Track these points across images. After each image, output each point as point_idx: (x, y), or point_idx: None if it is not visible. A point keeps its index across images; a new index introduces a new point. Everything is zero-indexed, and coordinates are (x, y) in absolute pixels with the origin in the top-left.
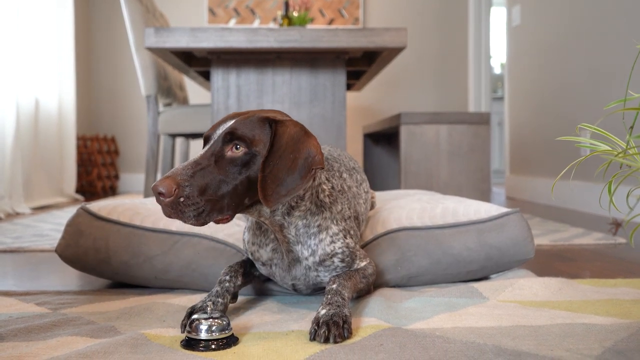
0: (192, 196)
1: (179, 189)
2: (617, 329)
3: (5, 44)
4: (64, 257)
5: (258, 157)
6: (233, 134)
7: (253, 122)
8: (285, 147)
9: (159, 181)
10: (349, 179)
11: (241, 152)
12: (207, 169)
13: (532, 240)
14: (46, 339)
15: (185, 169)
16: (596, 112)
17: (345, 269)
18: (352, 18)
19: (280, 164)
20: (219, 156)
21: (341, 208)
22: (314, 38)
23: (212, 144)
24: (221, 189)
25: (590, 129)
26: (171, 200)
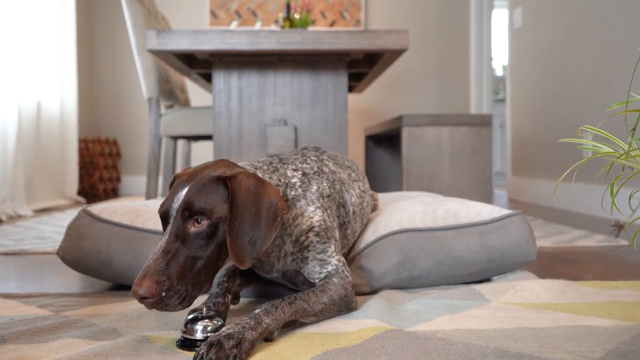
0: (172, 287)
1: (159, 286)
2: (620, 331)
3: (7, 47)
4: (66, 259)
5: (220, 222)
6: (190, 209)
7: (206, 187)
8: (245, 203)
9: (137, 285)
10: (336, 166)
11: (204, 225)
12: (178, 253)
13: (534, 242)
14: (48, 342)
15: (157, 262)
16: (598, 114)
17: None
18: (354, 20)
19: (244, 220)
20: (184, 235)
21: (317, 187)
22: (315, 40)
23: (173, 224)
24: (196, 266)
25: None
26: (155, 300)
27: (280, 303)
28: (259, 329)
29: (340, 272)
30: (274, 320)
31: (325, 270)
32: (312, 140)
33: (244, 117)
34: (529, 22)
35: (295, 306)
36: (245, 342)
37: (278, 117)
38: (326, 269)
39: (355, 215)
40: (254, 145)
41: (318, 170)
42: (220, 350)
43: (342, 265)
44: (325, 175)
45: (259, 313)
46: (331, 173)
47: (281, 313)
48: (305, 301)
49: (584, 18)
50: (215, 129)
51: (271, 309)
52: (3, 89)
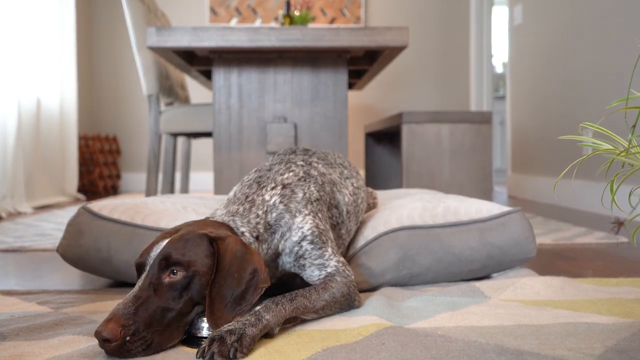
0: (137, 332)
1: (124, 330)
2: (620, 328)
3: (6, 44)
4: (65, 257)
5: (197, 276)
6: (168, 260)
7: (187, 241)
8: (229, 268)
9: (102, 326)
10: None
11: (179, 276)
12: (149, 300)
13: (534, 239)
14: (48, 338)
15: (126, 307)
16: (598, 110)
17: (316, 253)
18: (354, 17)
19: (226, 285)
20: (157, 284)
21: (303, 194)
22: (315, 37)
23: (149, 272)
24: (166, 317)
25: (593, 128)
26: (117, 344)
27: (281, 300)
28: (260, 325)
29: (341, 272)
30: (275, 317)
31: (324, 272)
32: (312, 138)
33: (243, 114)
34: (529, 19)
35: (296, 303)
36: (246, 337)
37: (278, 114)
38: (326, 271)
39: (349, 214)
40: (253, 142)
41: (304, 175)
42: (223, 345)
43: (342, 265)
44: (312, 178)
45: (259, 310)
46: (320, 176)
47: (282, 310)
48: (306, 298)
49: (584, 15)
50: (215, 126)
51: (272, 305)
52: (3, 86)
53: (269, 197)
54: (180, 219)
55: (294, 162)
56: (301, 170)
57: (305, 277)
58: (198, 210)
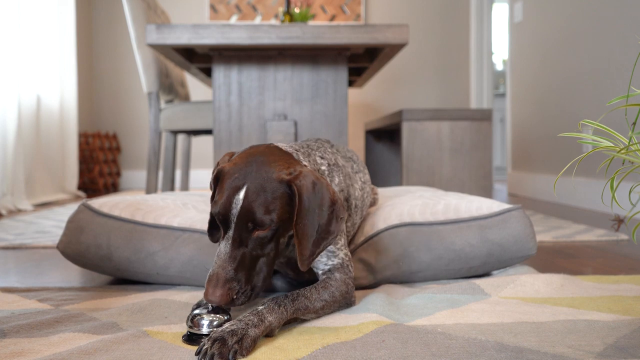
0: (242, 289)
1: (230, 292)
2: (620, 325)
3: (6, 41)
4: (66, 253)
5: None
6: (254, 221)
7: (266, 190)
8: (309, 203)
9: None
10: (343, 160)
11: (266, 230)
12: (243, 258)
13: (534, 236)
14: (48, 336)
15: (225, 270)
16: (598, 108)
17: None
18: (354, 14)
19: (309, 222)
20: (246, 239)
21: (338, 181)
22: (315, 34)
23: (235, 231)
24: (260, 263)
25: (593, 125)
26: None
27: (284, 300)
28: (262, 327)
29: (344, 267)
30: (277, 318)
31: (331, 263)
32: (312, 135)
33: (243, 111)
34: (529, 16)
35: (298, 303)
36: (248, 338)
37: (278, 111)
38: (332, 261)
39: (356, 208)
40: (253, 140)
41: (336, 163)
42: (223, 346)
43: (347, 259)
44: (340, 169)
45: (262, 310)
46: (343, 167)
47: (284, 312)
48: (307, 298)
49: (584, 12)
50: (215, 124)
51: (274, 307)
52: (3, 83)
53: (320, 163)
54: (181, 216)
55: (326, 148)
56: (333, 157)
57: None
58: (198, 207)
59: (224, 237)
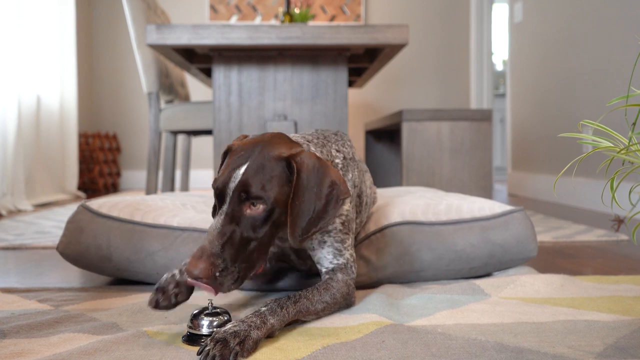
0: (226, 268)
1: (214, 268)
2: (620, 325)
3: (6, 41)
4: (65, 254)
5: (277, 206)
6: (248, 194)
7: (265, 167)
8: (307, 182)
9: (192, 263)
10: None
11: (260, 209)
12: (233, 235)
13: (535, 239)
14: (48, 336)
15: (212, 244)
16: (598, 108)
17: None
18: (354, 15)
19: (305, 201)
20: (239, 217)
21: (352, 176)
22: (315, 35)
23: (229, 205)
24: (249, 248)
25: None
26: (209, 281)
27: (286, 302)
28: (264, 329)
29: (348, 268)
30: (279, 320)
31: (336, 262)
32: None
33: (243, 112)
34: (529, 16)
35: (300, 305)
36: (250, 340)
37: (278, 112)
38: (337, 260)
39: (366, 206)
40: None
41: (352, 158)
42: (225, 347)
43: (352, 260)
44: (356, 164)
45: (264, 312)
46: (358, 162)
47: (286, 314)
48: (309, 299)
49: (584, 12)
50: (215, 124)
51: (277, 309)
52: (3, 84)
53: (335, 155)
54: (180, 216)
55: (345, 141)
56: (350, 151)
57: (317, 258)
58: (197, 208)
59: (218, 212)
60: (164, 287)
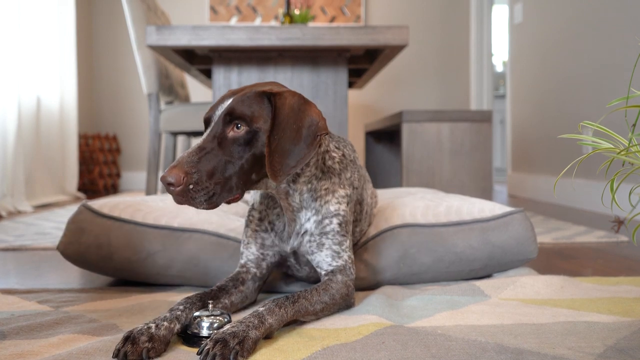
0: (201, 181)
1: (188, 177)
2: (620, 327)
3: (6, 42)
4: (66, 254)
5: (260, 133)
6: (232, 114)
7: (250, 98)
8: (287, 119)
9: (167, 171)
10: None
11: (243, 131)
12: (212, 152)
13: (535, 240)
14: (48, 337)
15: (190, 155)
16: (598, 109)
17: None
18: (354, 16)
19: (285, 136)
20: (222, 138)
21: (350, 175)
22: (315, 36)
23: (213, 127)
24: (228, 169)
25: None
26: (181, 189)
27: (284, 302)
28: (262, 329)
29: (347, 269)
30: (277, 320)
31: (335, 264)
32: None
33: None
34: (529, 17)
35: (298, 305)
36: (249, 340)
37: None
38: (336, 262)
39: (366, 214)
40: None
41: (354, 159)
42: (225, 348)
43: (350, 262)
44: (357, 167)
45: (262, 312)
46: (360, 168)
47: (284, 314)
48: (307, 300)
49: (584, 13)
50: None
51: (275, 308)
52: (3, 85)
53: (333, 149)
54: (181, 217)
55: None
56: (352, 154)
57: (316, 261)
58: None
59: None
60: (135, 337)
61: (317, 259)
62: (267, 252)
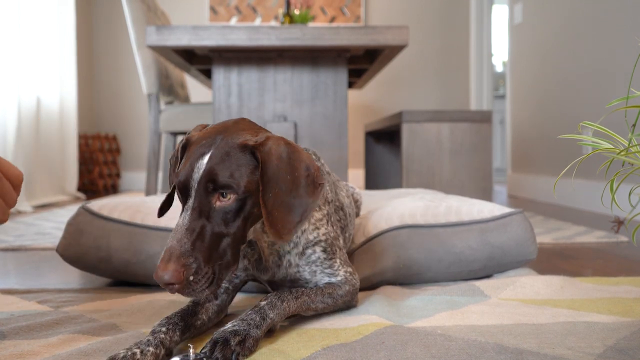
0: (200, 269)
1: (186, 270)
2: (619, 327)
3: (6, 43)
4: (65, 256)
5: (249, 196)
6: (215, 182)
7: (231, 156)
8: (278, 172)
9: (161, 268)
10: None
11: (231, 200)
12: (203, 232)
13: (535, 241)
14: (48, 337)
15: (181, 242)
16: (598, 110)
17: (327, 263)
18: (354, 16)
19: (280, 192)
20: (208, 211)
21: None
22: (315, 36)
23: (195, 199)
24: (223, 244)
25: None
26: (183, 286)
27: (287, 296)
28: (264, 326)
29: (349, 280)
30: (279, 314)
31: (334, 279)
32: (311, 137)
33: (243, 113)
34: (529, 18)
35: (300, 301)
36: (250, 339)
37: (278, 113)
38: (336, 278)
39: (350, 217)
40: None
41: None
42: (226, 348)
43: (349, 275)
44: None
45: (264, 307)
46: (327, 175)
47: (286, 308)
48: (309, 297)
49: (584, 14)
50: None
51: (277, 302)
52: (3, 85)
53: None
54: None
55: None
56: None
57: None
58: None
59: (184, 208)
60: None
61: (313, 282)
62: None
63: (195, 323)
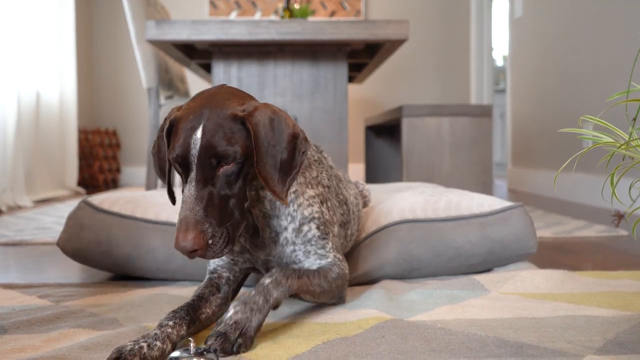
0: (216, 232)
1: (205, 235)
2: (619, 320)
3: (6, 37)
4: (66, 250)
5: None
6: (216, 155)
7: (224, 127)
8: (266, 140)
9: (182, 239)
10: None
11: (231, 165)
12: (211, 198)
13: (535, 235)
14: (48, 332)
15: (194, 211)
16: (599, 103)
17: (320, 243)
18: (354, 10)
19: (271, 156)
20: (211, 178)
21: (317, 174)
22: (315, 30)
23: (197, 171)
24: (230, 205)
25: (593, 121)
26: (205, 250)
27: (291, 274)
28: (267, 307)
29: (338, 264)
30: (282, 293)
31: (324, 261)
32: (312, 131)
33: None
34: (529, 12)
35: (302, 281)
36: (251, 330)
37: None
38: (322, 262)
39: (354, 215)
40: None
41: (319, 160)
42: (226, 342)
43: (338, 260)
44: (324, 167)
45: (268, 286)
46: (329, 168)
47: (291, 285)
48: (309, 278)
49: (584, 8)
50: None
51: (282, 279)
52: (2, 80)
53: None
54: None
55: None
56: (315, 154)
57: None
58: None
59: (187, 182)
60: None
61: (306, 265)
62: (237, 259)
63: (200, 317)
